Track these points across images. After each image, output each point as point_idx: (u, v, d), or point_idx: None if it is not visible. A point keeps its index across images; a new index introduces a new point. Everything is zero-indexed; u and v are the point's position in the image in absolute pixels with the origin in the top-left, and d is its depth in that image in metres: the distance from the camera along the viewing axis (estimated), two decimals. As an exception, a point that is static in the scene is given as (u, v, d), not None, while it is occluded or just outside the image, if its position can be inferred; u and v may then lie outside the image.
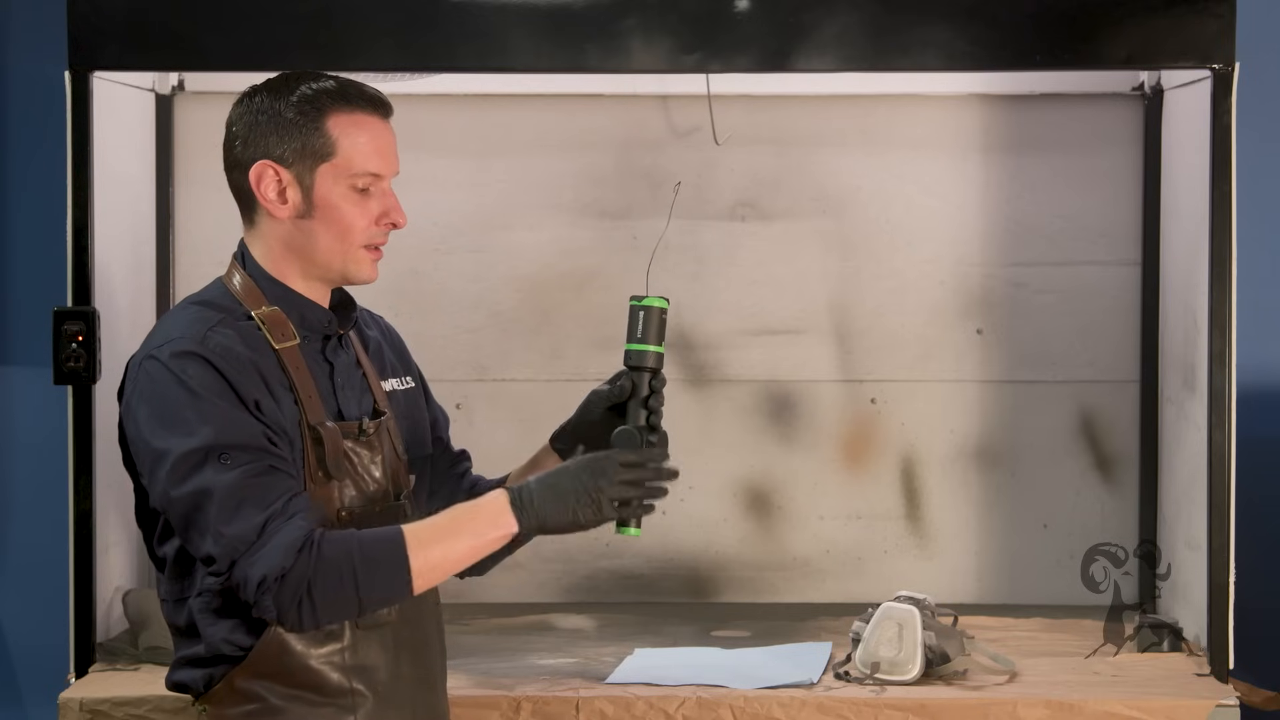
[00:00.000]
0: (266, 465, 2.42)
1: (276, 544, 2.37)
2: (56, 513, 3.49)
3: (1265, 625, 3.57)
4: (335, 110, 2.53)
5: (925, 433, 3.99)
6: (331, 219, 2.54)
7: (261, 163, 2.53)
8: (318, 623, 2.41)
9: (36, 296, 3.91)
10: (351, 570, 2.39)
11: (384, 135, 2.57)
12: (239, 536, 2.38)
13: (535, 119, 3.95)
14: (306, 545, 2.38)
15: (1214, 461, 3.29)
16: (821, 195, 3.97)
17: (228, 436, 2.40)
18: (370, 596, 2.42)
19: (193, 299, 2.58)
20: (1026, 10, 3.29)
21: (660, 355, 2.63)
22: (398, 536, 2.42)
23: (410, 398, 2.74)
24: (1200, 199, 3.34)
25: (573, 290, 3.97)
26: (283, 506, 2.40)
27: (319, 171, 2.53)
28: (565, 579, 4.00)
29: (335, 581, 2.38)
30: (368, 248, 2.57)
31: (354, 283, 2.60)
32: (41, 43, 3.87)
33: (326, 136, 2.53)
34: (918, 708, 3.12)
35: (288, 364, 2.51)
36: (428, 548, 2.43)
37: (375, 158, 2.55)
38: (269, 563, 2.36)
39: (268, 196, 2.53)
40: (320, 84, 2.55)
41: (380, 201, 2.56)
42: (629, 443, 2.57)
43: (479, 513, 2.46)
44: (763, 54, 3.33)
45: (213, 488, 2.38)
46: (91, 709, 3.14)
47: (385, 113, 2.58)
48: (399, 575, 2.41)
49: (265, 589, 2.37)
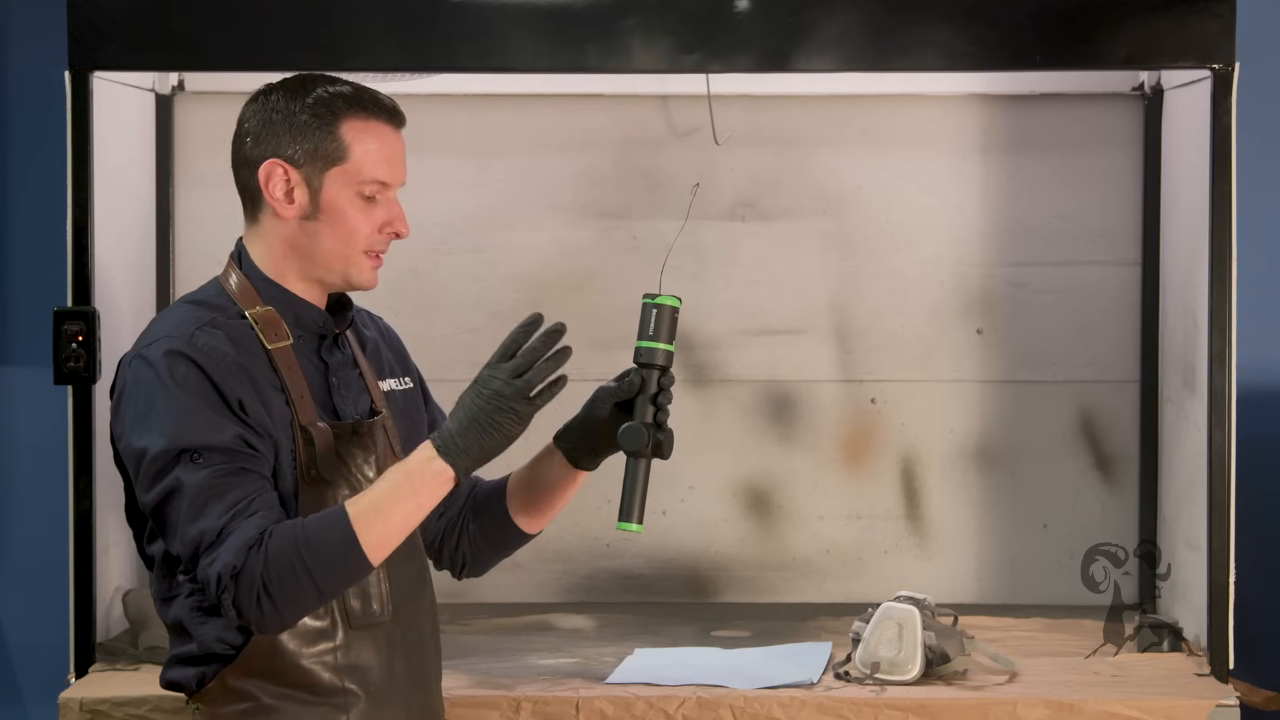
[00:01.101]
0: (237, 466, 2.42)
1: (231, 543, 2.37)
2: (56, 513, 3.49)
3: (1265, 625, 3.58)
4: (350, 116, 2.54)
5: (925, 433, 3.99)
6: (336, 222, 2.54)
7: (271, 161, 2.53)
8: (281, 620, 2.40)
9: (36, 296, 3.91)
10: (302, 561, 2.37)
11: (395, 144, 2.58)
12: (201, 535, 2.39)
13: (535, 119, 3.95)
14: (257, 543, 2.37)
15: (1214, 461, 3.29)
16: (821, 195, 3.97)
17: (200, 437, 2.41)
18: (328, 583, 2.40)
19: (187, 298, 2.59)
20: (1026, 10, 3.30)
21: (670, 354, 2.63)
22: (342, 518, 2.40)
23: (409, 398, 2.74)
24: (1200, 199, 3.34)
25: (573, 290, 3.97)
26: (245, 506, 2.40)
27: (329, 175, 2.53)
28: (565, 579, 4.00)
29: (289, 575, 2.37)
30: (369, 253, 2.57)
31: (354, 288, 2.60)
32: (41, 43, 3.87)
33: (339, 141, 2.53)
34: (918, 708, 3.12)
35: (279, 364, 2.52)
36: (373, 521, 2.40)
37: (385, 166, 2.55)
38: (224, 561, 2.37)
39: (275, 195, 2.54)
40: (337, 88, 2.56)
41: (386, 210, 2.57)
42: (635, 439, 2.58)
43: (412, 472, 2.44)
44: (763, 54, 3.33)
45: (182, 486, 2.40)
46: (91, 709, 3.14)
47: (398, 122, 2.59)
48: (353, 556, 2.39)
49: (223, 588, 2.37)
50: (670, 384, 2.63)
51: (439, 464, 2.44)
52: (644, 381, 2.62)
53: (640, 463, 2.62)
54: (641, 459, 2.62)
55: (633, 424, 2.59)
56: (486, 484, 2.82)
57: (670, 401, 2.63)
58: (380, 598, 2.55)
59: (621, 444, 2.61)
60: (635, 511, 2.61)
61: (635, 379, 2.62)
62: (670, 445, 2.63)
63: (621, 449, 2.62)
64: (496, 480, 2.82)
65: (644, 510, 2.62)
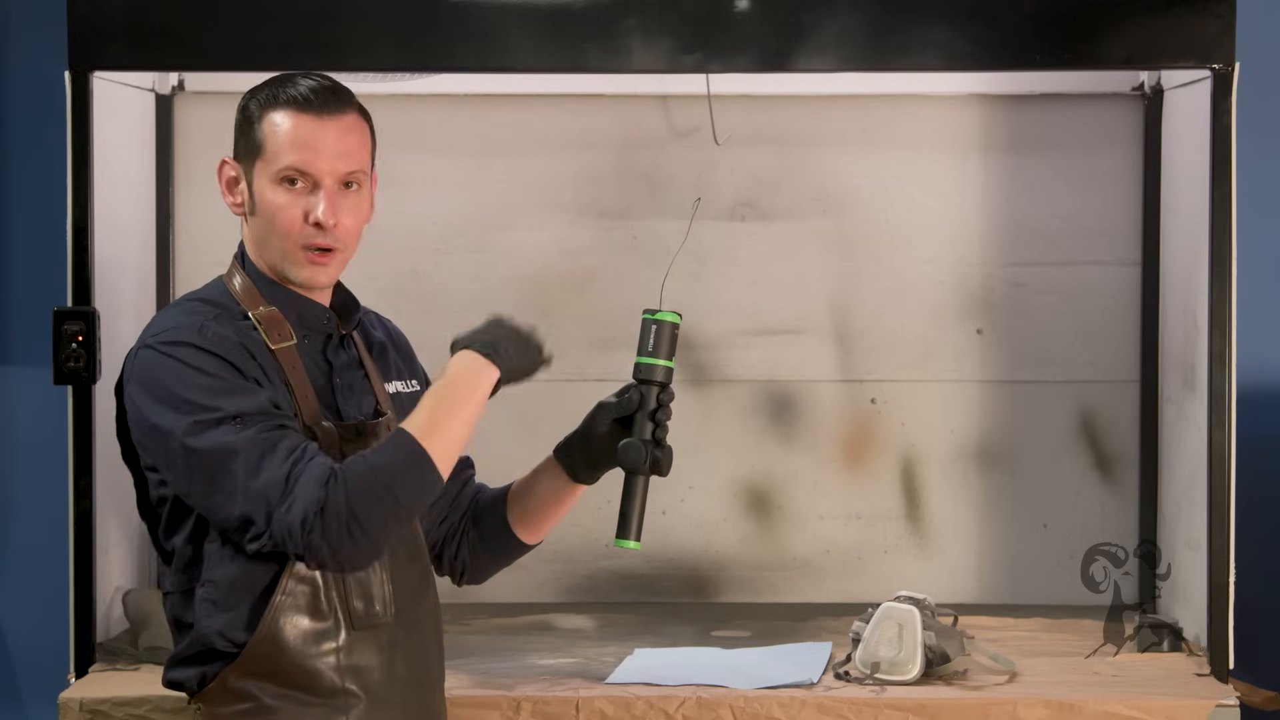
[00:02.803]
0: (277, 424, 2.44)
1: (304, 484, 2.39)
2: (56, 513, 3.49)
3: (1265, 625, 3.58)
4: (271, 108, 2.55)
5: (925, 433, 3.99)
6: (266, 215, 2.55)
7: (222, 158, 2.59)
8: (375, 546, 2.43)
9: (36, 296, 3.91)
10: (381, 483, 2.41)
11: (313, 131, 2.53)
12: (268, 486, 2.40)
13: (535, 119, 3.95)
14: (332, 477, 2.40)
15: (1214, 461, 3.29)
16: (821, 195, 3.97)
17: (236, 404, 2.43)
18: (410, 498, 2.44)
19: (191, 296, 2.60)
20: (1026, 10, 3.30)
21: (670, 370, 2.64)
22: (406, 437, 2.45)
23: (414, 401, 2.73)
24: (1200, 199, 3.34)
25: (572, 290, 3.97)
26: (301, 453, 2.42)
27: (255, 168, 2.56)
28: (565, 579, 4.00)
29: (373, 499, 2.41)
30: (306, 249, 2.55)
31: (295, 283, 2.58)
32: (41, 43, 3.87)
33: (259, 133, 2.55)
34: (918, 708, 3.12)
35: (284, 364, 2.52)
36: (434, 436, 2.46)
37: (294, 151, 2.53)
38: (305, 502, 2.38)
39: (225, 192, 2.59)
40: (282, 87, 2.56)
41: (307, 199, 2.54)
42: (635, 456, 2.60)
43: (460, 379, 2.52)
44: (763, 54, 3.33)
45: (233, 445, 2.40)
46: (91, 709, 3.14)
47: (319, 110, 2.54)
48: (427, 468, 2.45)
49: (309, 528, 2.38)
50: (669, 400, 2.65)
51: (482, 363, 2.51)
52: (643, 398, 2.64)
53: (638, 479, 2.64)
54: (640, 476, 2.63)
55: (632, 441, 2.61)
56: (488, 492, 2.83)
57: (669, 418, 2.64)
58: (383, 599, 2.55)
59: (620, 461, 2.63)
60: (633, 529, 2.64)
61: (634, 395, 2.64)
62: (669, 463, 2.65)
63: (620, 466, 2.63)
64: (498, 489, 2.82)
65: (642, 527, 2.63)
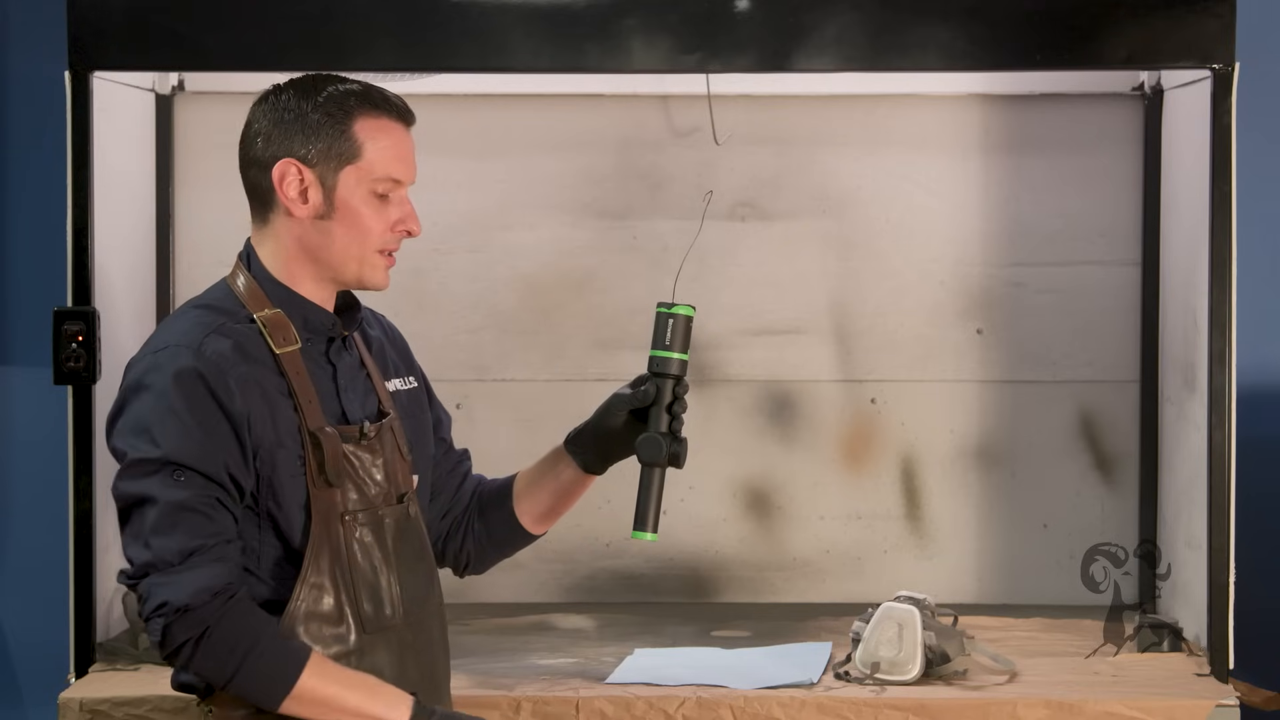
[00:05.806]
0: (214, 498, 2.43)
1: (192, 579, 2.38)
2: (56, 513, 3.49)
3: (1265, 625, 3.58)
4: (362, 114, 2.54)
5: (925, 433, 3.99)
6: (350, 221, 2.54)
7: (285, 160, 2.53)
8: (188, 670, 2.43)
9: (36, 296, 3.91)
10: (247, 647, 2.39)
11: (406, 142, 2.58)
12: (163, 553, 2.39)
13: (535, 119, 3.95)
14: (223, 593, 2.39)
15: (1214, 461, 3.29)
16: (822, 195, 3.97)
17: (188, 458, 2.42)
18: (245, 681, 2.40)
19: (195, 302, 2.58)
20: (1026, 10, 3.30)
21: (684, 363, 2.65)
22: (305, 654, 2.42)
23: (413, 398, 2.74)
24: (1200, 199, 3.34)
25: (572, 290, 3.97)
26: (212, 545, 2.41)
27: (342, 173, 2.53)
28: (565, 579, 4.00)
29: (227, 646, 2.39)
30: (382, 253, 2.58)
31: (367, 287, 2.60)
32: (41, 43, 3.87)
33: (353, 139, 2.53)
34: (918, 708, 3.12)
35: (288, 369, 2.51)
36: (321, 682, 2.42)
37: (398, 164, 2.56)
38: (177, 592, 2.38)
39: (289, 195, 2.53)
40: (347, 86, 2.56)
41: (399, 208, 2.57)
42: (654, 450, 2.61)
43: (382, 691, 2.45)
44: (763, 54, 3.33)
45: (157, 497, 2.40)
46: (91, 709, 3.14)
47: (409, 121, 2.59)
48: (280, 683, 2.41)
49: (162, 613, 2.39)
50: (684, 393, 2.66)
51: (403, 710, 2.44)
52: (659, 391, 2.65)
53: (655, 472, 2.65)
54: (657, 468, 2.64)
55: (650, 435, 2.62)
56: (492, 482, 2.82)
57: (685, 410, 2.65)
58: (391, 601, 2.55)
59: (639, 455, 2.64)
60: (650, 520, 2.65)
61: (651, 388, 2.65)
62: (685, 454, 2.66)
63: (639, 459, 2.64)
64: (502, 479, 2.82)
65: (659, 519, 2.64)
